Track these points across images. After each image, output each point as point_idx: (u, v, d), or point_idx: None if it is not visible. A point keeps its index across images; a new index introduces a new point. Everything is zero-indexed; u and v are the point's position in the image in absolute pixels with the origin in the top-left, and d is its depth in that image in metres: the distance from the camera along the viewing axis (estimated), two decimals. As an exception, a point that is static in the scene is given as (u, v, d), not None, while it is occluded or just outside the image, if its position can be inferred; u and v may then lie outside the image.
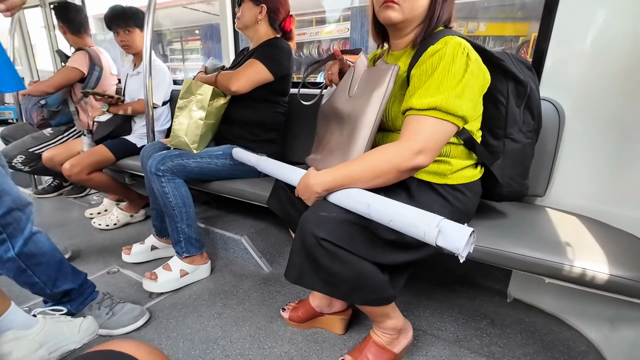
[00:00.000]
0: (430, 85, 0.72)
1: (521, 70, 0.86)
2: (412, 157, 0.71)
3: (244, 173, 1.41)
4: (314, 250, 0.75)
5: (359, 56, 0.94)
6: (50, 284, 0.95)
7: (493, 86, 0.84)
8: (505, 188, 0.91)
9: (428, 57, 0.75)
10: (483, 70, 0.77)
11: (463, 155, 0.85)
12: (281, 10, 1.38)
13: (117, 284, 1.31)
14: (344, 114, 0.91)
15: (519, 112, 0.87)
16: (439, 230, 0.56)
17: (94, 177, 1.70)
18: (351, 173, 0.76)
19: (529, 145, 0.91)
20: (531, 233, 0.92)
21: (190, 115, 1.32)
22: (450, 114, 0.71)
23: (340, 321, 1.06)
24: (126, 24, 1.68)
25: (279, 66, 1.33)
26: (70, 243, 1.60)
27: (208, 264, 1.37)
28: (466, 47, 0.73)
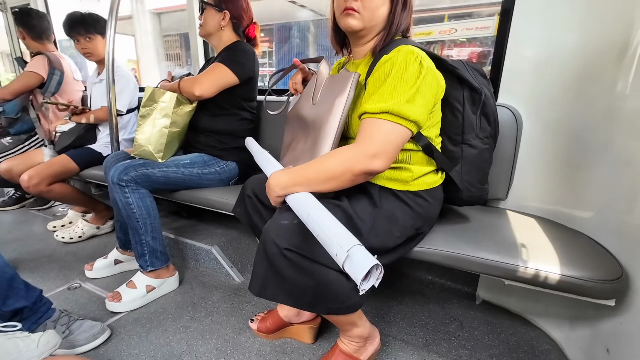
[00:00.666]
0: (383, 91, 0.74)
1: (475, 78, 0.89)
2: (366, 160, 0.71)
3: (212, 182, 1.38)
4: (277, 261, 0.74)
5: (321, 64, 0.95)
6: (0, 302, 0.90)
7: (449, 93, 0.87)
8: (464, 193, 0.92)
9: (382, 64, 0.77)
10: (437, 77, 0.79)
11: (423, 162, 0.87)
12: (244, 16, 1.38)
13: (77, 300, 1.24)
14: (308, 120, 0.92)
15: (475, 118, 0.90)
16: (347, 255, 0.55)
17: (55, 188, 1.62)
18: (307, 174, 0.76)
19: (486, 150, 0.93)
20: (491, 236, 0.94)
21: (153, 123, 1.29)
22: (402, 117, 0.72)
23: (309, 330, 1.04)
24: (87, 31, 1.63)
25: (243, 68, 1.32)
26: (29, 258, 1.52)
27: (175, 276, 1.33)
28: (419, 55, 0.75)
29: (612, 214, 0.90)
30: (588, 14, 0.97)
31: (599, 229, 0.94)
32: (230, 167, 1.43)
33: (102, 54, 1.68)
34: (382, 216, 0.82)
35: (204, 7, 1.34)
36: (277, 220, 0.77)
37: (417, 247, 0.90)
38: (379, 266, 0.54)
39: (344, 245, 0.57)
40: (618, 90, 0.89)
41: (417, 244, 0.91)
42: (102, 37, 1.67)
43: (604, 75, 0.94)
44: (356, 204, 0.82)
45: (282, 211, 0.79)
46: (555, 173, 1.09)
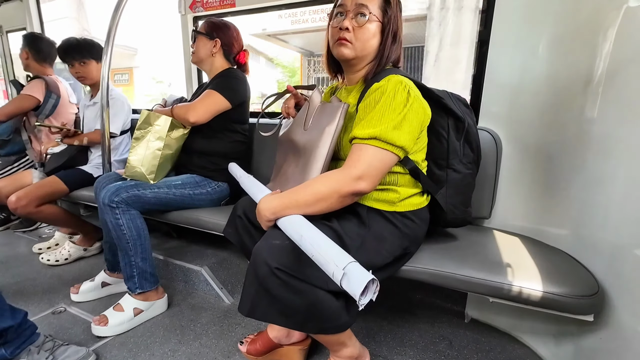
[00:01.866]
0: (372, 117, 0.78)
1: (459, 107, 0.95)
2: (351, 182, 0.75)
3: (204, 202, 1.40)
4: (267, 280, 0.75)
5: (313, 92, 1.01)
6: None
7: (435, 121, 0.92)
8: (449, 215, 0.97)
9: (372, 92, 0.82)
10: (424, 106, 0.83)
11: (410, 184, 0.91)
12: (235, 44, 1.44)
13: (62, 325, 1.21)
14: (300, 145, 0.96)
15: (459, 145, 0.96)
16: (344, 273, 0.57)
17: (44, 209, 1.61)
18: (296, 197, 0.79)
19: (470, 175, 0.99)
20: (476, 255, 0.98)
21: (147, 145, 1.31)
22: (389, 143, 0.76)
23: (299, 352, 1.04)
24: (82, 56, 1.67)
25: (235, 93, 1.36)
26: (12, 282, 1.49)
27: (164, 299, 1.31)
28: (407, 85, 0.80)
29: (587, 230, 0.94)
30: (556, 47, 1.06)
31: (575, 245, 0.99)
32: (221, 187, 1.45)
33: (96, 78, 1.73)
34: (370, 236, 0.85)
35: (196, 36, 1.41)
36: (268, 240, 0.79)
37: (405, 266, 0.93)
38: (375, 280, 0.56)
39: (339, 264, 0.59)
40: (587, 116, 0.96)
41: (405, 263, 0.93)
42: (97, 62, 1.71)
43: (573, 101, 1.01)
44: (345, 224, 0.85)
45: (273, 231, 0.81)
46: (534, 193, 1.14)
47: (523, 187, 1.16)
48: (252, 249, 0.79)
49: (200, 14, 1.73)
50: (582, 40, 0.98)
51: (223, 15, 1.73)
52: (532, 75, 1.11)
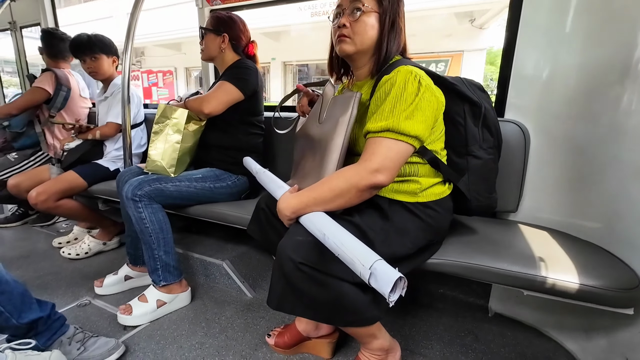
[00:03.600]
0: (384, 110, 0.78)
1: (474, 92, 0.94)
2: (368, 176, 0.75)
3: (224, 196, 1.40)
4: (293, 275, 0.76)
5: (326, 86, 1.01)
6: (16, 313, 0.90)
7: (451, 108, 0.91)
8: (473, 202, 0.95)
9: (382, 85, 0.82)
10: (436, 94, 0.82)
11: (430, 174, 0.90)
12: (242, 37, 1.44)
13: (88, 317, 1.22)
14: (315, 139, 0.96)
15: (477, 130, 0.94)
16: (370, 272, 0.58)
17: (63, 204, 1.62)
18: (314, 194, 0.79)
19: (491, 160, 0.97)
20: (508, 247, 0.97)
21: (166, 139, 1.32)
22: (402, 134, 0.76)
23: (327, 345, 1.04)
24: (92, 51, 1.67)
25: (247, 83, 1.36)
26: (35, 275, 1.50)
27: (188, 292, 1.32)
28: (418, 74, 0.79)
29: (623, 224, 0.93)
30: (590, 35, 1.03)
31: (609, 239, 0.97)
32: (241, 181, 1.45)
33: (107, 72, 1.74)
34: (393, 228, 0.84)
35: (204, 33, 1.41)
36: (292, 237, 0.80)
37: (432, 259, 0.92)
38: (403, 278, 0.56)
39: (366, 263, 0.60)
40: (623, 107, 0.94)
41: (430, 255, 0.92)
42: (107, 56, 1.72)
43: (607, 92, 0.99)
44: (367, 218, 0.85)
45: (296, 227, 0.82)
46: (564, 186, 1.12)
47: (552, 180, 1.14)
48: (277, 244, 0.80)
49: (218, 7, 1.72)
50: (618, 29, 0.96)
51: (241, 8, 1.72)
52: (562, 66, 1.09)
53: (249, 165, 1.24)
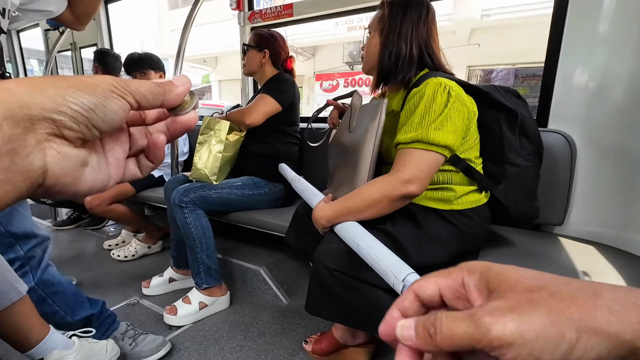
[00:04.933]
0: (413, 121, 0.80)
1: (509, 100, 0.93)
2: (400, 186, 0.77)
3: (262, 203, 1.45)
4: (327, 281, 0.80)
5: (354, 97, 1.05)
6: (70, 312, 0.98)
7: (485, 117, 0.91)
8: (511, 210, 0.94)
9: (411, 97, 0.84)
10: (467, 103, 0.83)
11: (465, 181, 0.90)
12: (282, 52, 1.51)
13: (137, 316, 1.31)
14: (347, 147, 1.00)
15: (514, 138, 0.93)
16: (403, 285, 0.59)
17: (114, 208, 1.76)
18: (347, 204, 0.82)
19: (530, 167, 0.95)
20: (551, 262, 0.93)
21: (209, 149, 1.40)
22: (432, 144, 0.77)
23: (364, 354, 1.04)
24: (141, 67, 1.83)
25: (285, 95, 1.43)
26: (89, 275, 1.62)
27: (227, 296, 1.37)
28: (447, 85, 0.80)
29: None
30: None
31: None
32: (278, 188, 1.50)
33: None
34: (426, 236, 0.85)
35: (247, 49, 1.50)
36: (327, 245, 0.83)
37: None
38: None
39: (399, 275, 0.61)
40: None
41: None
42: (155, 72, 1.87)
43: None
44: (400, 227, 0.86)
45: (331, 235, 0.85)
46: (615, 198, 1.07)
47: (602, 191, 1.09)
48: (313, 249, 0.84)
49: (258, 25, 1.82)
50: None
51: (281, 25, 1.81)
52: (612, 75, 1.05)
53: (284, 172, 1.29)
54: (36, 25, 2.87)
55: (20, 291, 0.75)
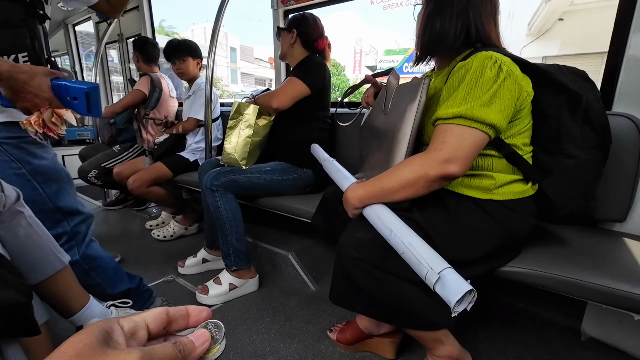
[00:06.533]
0: (457, 96, 0.73)
1: (574, 82, 0.81)
2: (439, 166, 0.70)
3: (291, 189, 1.45)
4: (352, 271, 0.77)
5: (390, 75, 0.98)
6: (111, 285, 1.04)
7: (541, 100, 0.81)
8: (562, 208, 0.83)
9: (456, 71, 0.77)
10: (520, 82, 0.74)
11: (508, 170, 0.81)
12: (312, 32, 1.45)
13: (173, 293, 1.37)
14: (381, 130, 0.94)
15: (574, 126, 0.81)
16: (439, 277, 0.56)
17: (153, 190, 1.86)
18: (381, 184, 0.77)
19: (591, 162, 0.83)
20: (611, 262, 0.82)
21: (239, 134, 1.41)
22: (476, 121, 0.70)
23: (390, 344, 1.01)
24: (181, 54, 1.87)
25: (314, 78, 1.39)
26: (132, 252, 1.74)
27: (256, 278, 1.40)
28: (498, 59, 0.72)
29: None
30: None
31: None
32: (307, 174, 1.48)
33: (192, 73, 1.94)
34: (460, 228, 0.78)
35: (280, 33, 1.48)
36: (352, 233, 0.80)
37: (513, 268, 0.82)
38: (473, 291, 0.54)
39: (435, 267, 0.59)
40: None
41: (506, 262, 0.83)
42: (193, 58, 1.92)
43: None
44: (430, 217, 0.80)
45: (356, 223, 0.82)
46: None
47: (678, 185, 0.94)
48: (339, 233, 0.81)
49: (292, 7, 1.78)
50: None
51: (314, 6, 1.75)
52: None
53: (316, 152, 1.26)
54: (89, 18, 3.07)
55: (63, 261, 0.80)
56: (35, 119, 0.72)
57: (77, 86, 0.74)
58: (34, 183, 0.88)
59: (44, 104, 0.73)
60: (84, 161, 2.24)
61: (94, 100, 0.75)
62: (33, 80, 0.71)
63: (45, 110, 0.72)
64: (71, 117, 0.73)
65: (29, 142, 0.86)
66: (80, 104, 0.74)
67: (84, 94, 0.73)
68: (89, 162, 2.15)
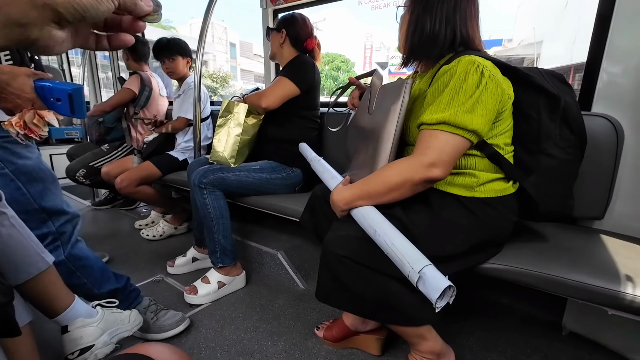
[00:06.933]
0: (441, 101, 0.75)
1: (553, 84, 0.83)
2: (423, 170, 0.73)
3: (279, 187, 1.46)
4: (337, 269, 0.78)
5: (374, 76, 0.99)
6: (97, 284, 1.04)
7: (522, 101, 0.84)
8: (542, 206, 0.85)
9: (441, 75, 0.78)
10: (502, 85, 0.76)
11: (490, 168, 0.83)
12: (301, 32, 1.46)
13: (161, 292, 1.37)
14: (367, 130, 0.96)
15: (553, 126, 0.84)
16: (419, 276, 0.58)
17: (141, 190, 1.84)
18: (367, 188, 0.80)
19: (569, 161, 0.85)
20: (588, 258, 0.85)
21: (228, 132, 1.42)
22: (460, 127, 0.72)
23: (376, 341, 1.02)
24: (170, 53, 1.86)
25: (303, 78, 1.40)
26: (121, 252, 1.72)
27: (243, 275, 1.41)
28: (481, 64, 0.74)
29: None
30: None
31: None
32: (295, 173, 1.49)
33: (182, 72, 1.92)
34: (442, 224, 0.80)
35: (270, 33, 1.48)
36: (336, 232, 0.82)
37: (496, 265, 0.84)
38: (452, 287, 0.57)
39: (415, 266, 0.60)
40: None
41: (488, 258, 0.85)
42: (182, 57, 1.90)
43: None
44: (413, 214, 0.82)
45: (341, 222, 0.84)
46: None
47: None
48: (326, 232, 0.83)
49: (281, 7, 1.78)
50: None
51: (303, 6, 1.76)
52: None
53: (304, 151, 1.28)
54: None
55: (47, 261, 0.80)
56: (16, 120, 0.71)
57: (60, 87, 0.73)
58: (18, 183, 0.88)
59: (26, 105, 0.72)
60: (72, 160, 2.22)
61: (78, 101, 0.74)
62: (15, 82, 0.70)
63: (28, 111, 0.72)
64: (53, 119, 0.72)
65: (12, 141, 0.85)
66: (63, 106, 0.74)
67: (67, 95, 0.73)
68: (77, 161, 2.13)
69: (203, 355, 1.02)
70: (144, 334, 1.08)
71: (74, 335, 0.84)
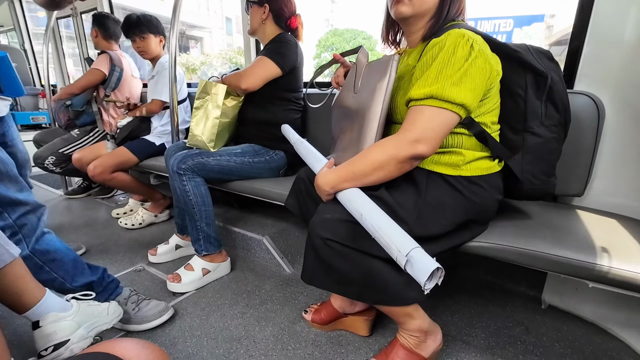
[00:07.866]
0: (428, 75, 0.73)
1: (540, 61, 0.82)
2: (408, 146, 0.71)
3: (264, 172, 1.41)
4: (322, 251, 0.77)
5: (359, 53, 0.96)
6: (69, 278, 0.98)
7: (509, 79, 0.83)
8: (526, 185, 0.86)
9: (430, 49, 0.76)
10: (491, 61, 0.75)
11: (477, 147, 0.83)
12: (285, 9, 1.39)
13: (142, 282, 1.33)
14: (352, 110, 0.93)
15: (539, 104, 0.83)
16: (407, 259, 0.58)
17: (116, 177, 1.75)
18: (353, 168, 0.78)
19: (554, 140, 0.86)
20: (569, 234, 0.87)
21: (206, 114, 1.35)
22: (447, 101, 0.70)
23: (364, 322, 1.03)
24: (141, 31, 1.74)
25: (285, 58, 1.34)
26: (98, 242, 1.65)
27: (228, 262, 1.38)
28: (470, 38, 0.72)
29: None
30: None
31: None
32: (279, 156, 1.45)
33: (155, 51, 1.81)
34: (428, 204, 0.80)
35: (250, 6, 1.38)
36: (321, 215, 0.80)
37: (479, 243, 0.85)
38: (440, 268, 0.56)
39: (402, 250, 0.59)
40: None
41: (473, 236, 0.86)
42: (155, 35, 1.79)
43: None
44: (397, 194, 0.81)
45: (326, 205, 0.82)
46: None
47: (629, 160, 1.00)
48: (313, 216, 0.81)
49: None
50: None
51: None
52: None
53: (288, 133, 1.23)
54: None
55: (13, 253, 0.74)
56: None
57: None
58: None
59: None
60: (40, 147, 2.08)
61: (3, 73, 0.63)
62: None
63: None
64: None
65: None
66: None
67: None
68: (46, 148, 2.00)
69: (189, 344, 1.00)
70: (126, 326, 1.04)
71: (46, 330, 0.80)
